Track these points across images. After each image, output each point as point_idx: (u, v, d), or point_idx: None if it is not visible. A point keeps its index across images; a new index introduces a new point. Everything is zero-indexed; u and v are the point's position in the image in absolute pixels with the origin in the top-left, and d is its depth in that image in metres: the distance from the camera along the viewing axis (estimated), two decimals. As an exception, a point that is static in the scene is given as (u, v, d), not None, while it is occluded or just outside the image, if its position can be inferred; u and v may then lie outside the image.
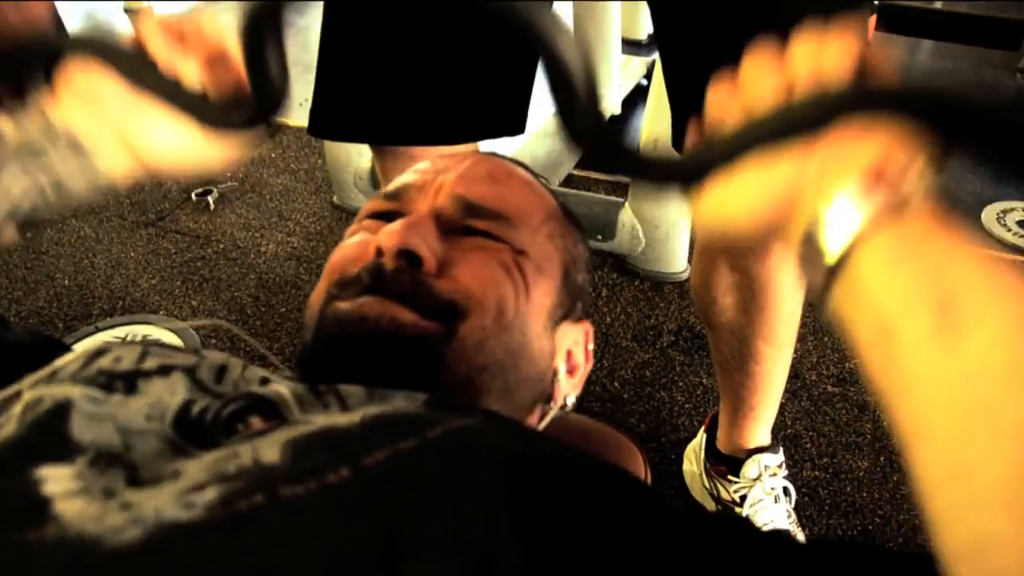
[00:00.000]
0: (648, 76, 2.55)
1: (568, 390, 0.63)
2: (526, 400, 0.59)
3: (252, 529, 0.35)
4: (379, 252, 0.55)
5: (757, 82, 0.43)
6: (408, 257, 0.54)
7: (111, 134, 0.55)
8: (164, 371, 0.49)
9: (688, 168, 0.45)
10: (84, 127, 0.54)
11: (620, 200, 1.74)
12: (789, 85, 0.41)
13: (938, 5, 3.08)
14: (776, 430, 1.19)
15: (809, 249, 0.39)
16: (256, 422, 0.44)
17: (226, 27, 0.55)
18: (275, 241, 1.93)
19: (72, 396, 0.44)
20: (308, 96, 0.94)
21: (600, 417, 1.44)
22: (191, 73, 0.54)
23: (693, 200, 0.45)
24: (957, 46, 2.93)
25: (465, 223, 0.58)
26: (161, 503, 0.36)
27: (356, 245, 0.58)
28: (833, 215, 0.38)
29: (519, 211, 0.60)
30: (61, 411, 0.43)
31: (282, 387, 0.47)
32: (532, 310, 0.58)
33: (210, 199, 2.06)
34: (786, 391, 1.15)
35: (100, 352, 0.49)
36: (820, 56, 0.41)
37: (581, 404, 1.31)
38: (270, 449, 0.39)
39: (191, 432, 0.44)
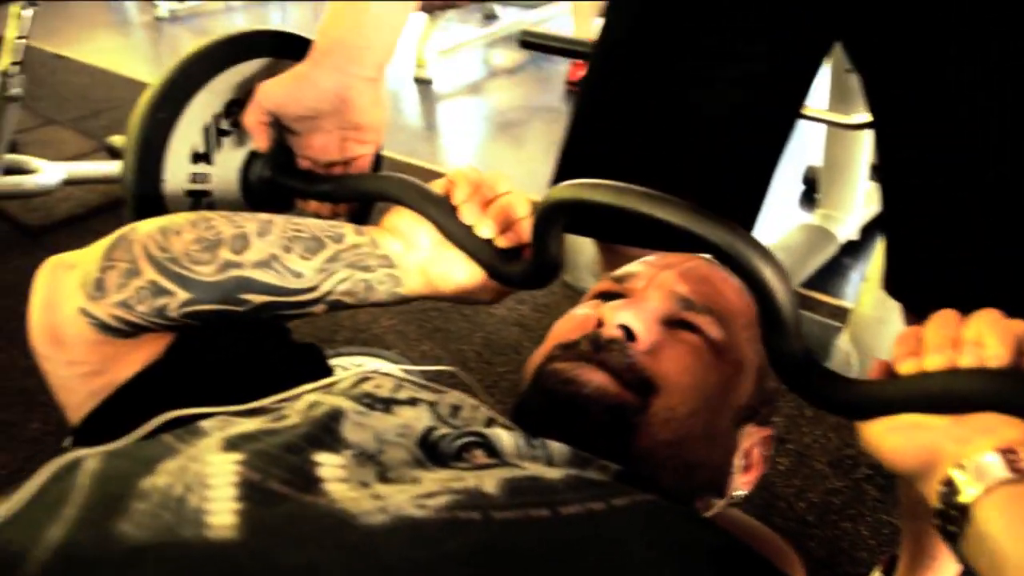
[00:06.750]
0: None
1: (739, 487, 0.68)
2: (699, 485, 0.65)
3: (468, 535, 0.43)
4: (599, 323, 0.64)
5: (933, 345, 0.49)
6: (625, 331, 0.62)
7: (415, 262, 0.69)
8: (413, 402, 0.60)
9: (866, 401, 0.52)
10: (397, 253, 0.68)
11: (839, 325, 1.74)
12: (956, 356, 0.48)
13: None
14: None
15: (945, 496, 0.46)
16: (479, 455, 0.54)
17: (519, 198, 0.69)
18: (505, 306, 2.08)
19: (343, 407, 0.55)
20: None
21: (781, 534, 1.43)
22: (486, 227, 0.67)
23: (862, 425, 0.52)
24: None
25: (679, 315, 0.65)
26: (402, 500, 0.44)
27: (580, 317, 0.68)
28: (967, 470, 0.45)
29: (727, 312, 0.67)
30: (336, 415, 0.54)
31: (503, 433, 0.56)
32: (722, 405, 0.64)
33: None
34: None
35: (366, 378, 0.62)
36: (989, 336, 0.47)
37: (765, 519, 1.31)
38: (489, 482, 0.48)
39: (429, 452, 0.54)
